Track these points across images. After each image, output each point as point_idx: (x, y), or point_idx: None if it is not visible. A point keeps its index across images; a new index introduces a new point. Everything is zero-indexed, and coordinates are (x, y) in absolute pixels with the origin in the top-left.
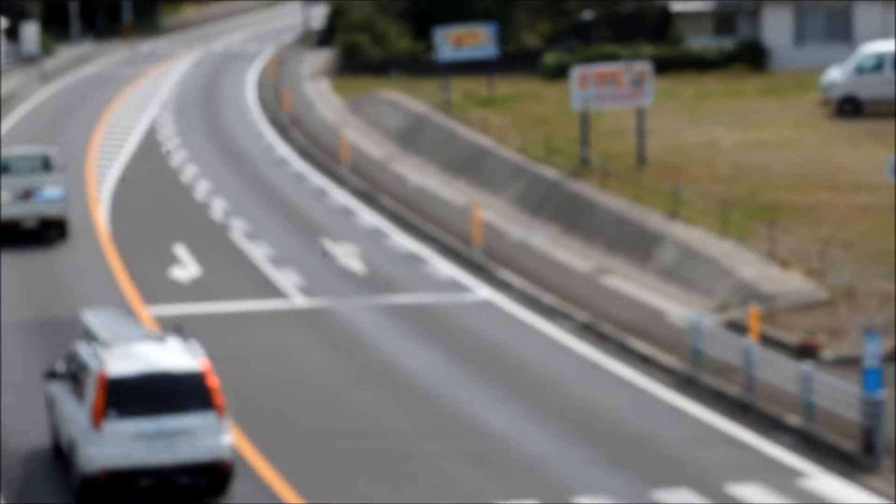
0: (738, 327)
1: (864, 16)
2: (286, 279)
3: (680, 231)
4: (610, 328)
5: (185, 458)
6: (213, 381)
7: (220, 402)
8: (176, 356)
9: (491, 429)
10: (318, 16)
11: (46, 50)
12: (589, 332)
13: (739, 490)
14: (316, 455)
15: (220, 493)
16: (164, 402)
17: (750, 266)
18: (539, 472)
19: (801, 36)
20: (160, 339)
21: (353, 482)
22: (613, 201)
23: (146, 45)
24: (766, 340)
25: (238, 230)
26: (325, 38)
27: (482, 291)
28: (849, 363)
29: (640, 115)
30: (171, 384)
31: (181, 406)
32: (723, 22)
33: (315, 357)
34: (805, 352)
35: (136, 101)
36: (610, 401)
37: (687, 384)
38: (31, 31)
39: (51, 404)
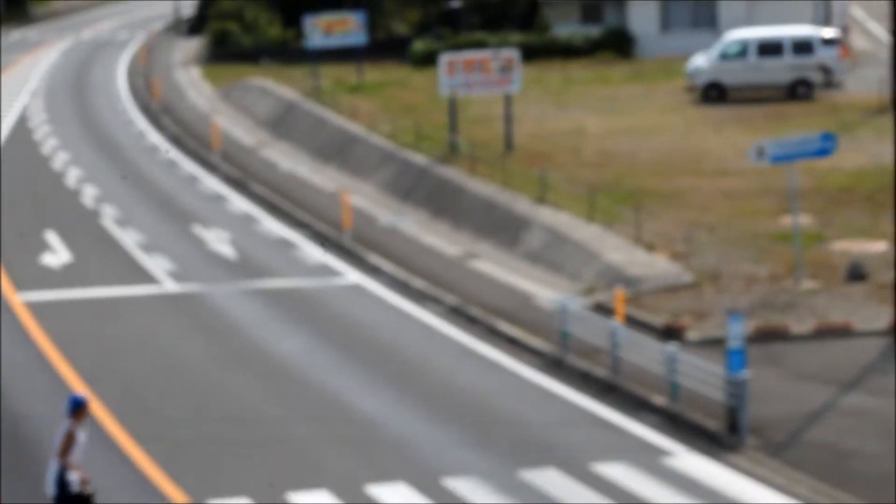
0: (604, 310)
1: (728, 3)
2: (157, 265)
3: (547, 216)
4: (478, 311)
5: None
6: None
7: None
8: None
9: (361, 412)
10: (189, 4)
11: None
12: (458, 315)
13: (606, 469)
14: (189, 440)
15: None
16: None
17: (616, 250)
18: (409, 454)
19: (666, 23)
20: None
21: (225, 466)
22: (482, 187)
23: (16, 34)
24: (632, 322)
25: (109, 217)
26: (195, 26)
27: (352, 276)
28: (713, 344)
29: (508, 101)
30: None
31: None
32: (589, 10)
33: (187, 342)
34: (670, 333)
35: (6, 89)
36: (479, 383)
37: (555, 366)
38: None
39: None
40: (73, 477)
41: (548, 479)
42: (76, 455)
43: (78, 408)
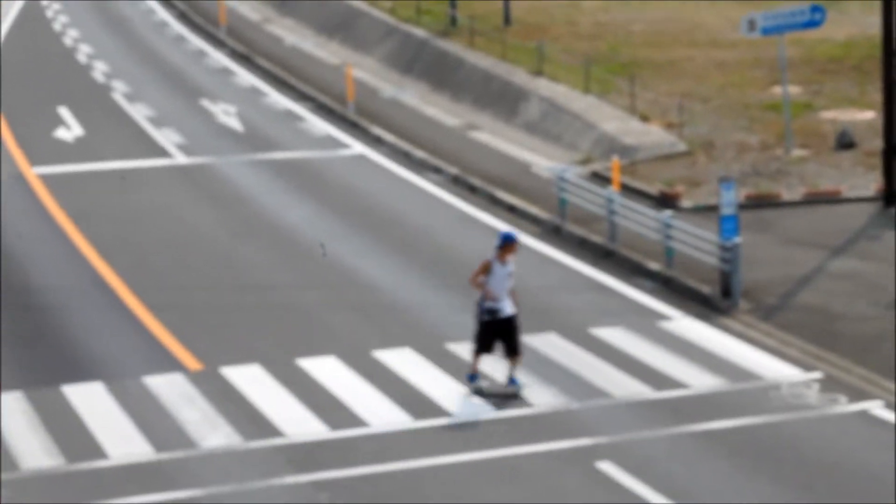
0: (600, 178)
1: None
2: (166, 138)
3: (544, 87)
4: (478, 181)
5: None
6: None
7: None
8: None
9: (367, 279)
10: None
11: None
12: (459, 184)
13: (604, 332)
14: (201, 308)
15: None
16: None
17: (612, 120)
18: (413, 320)
19: None
20: None
21: (237, 332)
22: (480, 59)
23: None
24: (628, 190)
25: (119, 92)
26: None
27: (356, 147)
28: (706, 211)
29: None
30: None
31: None
32: None
33: (197, 213)
34: (665, 201)
35: None
36: (480, 250)
37: (553, 233)
38: None
39: None
40: (481, 299)
41: (548, 342)
42: (493, 284)
43: (504, 243)
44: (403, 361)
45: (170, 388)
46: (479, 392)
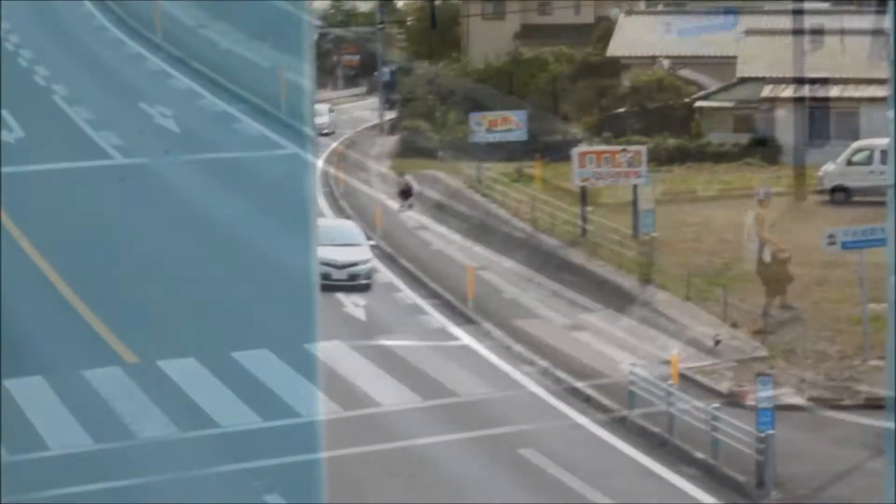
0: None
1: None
2: (105, 140)
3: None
4: None
5: None
6: None
7: None
8: None
9: (299, 271)
10: None
11: None
12: None
13: None
14: (132, 301)
15: None
16: None
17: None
18: (344, 315)
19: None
20: None
21: (173, 328)
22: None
23: None
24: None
25: (60, 95)
26: None
27: (291, 147)
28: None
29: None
30: None
31: None
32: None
33: (132, 212)
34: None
35: None
36: None
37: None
38: None
39: None
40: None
41: None
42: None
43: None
44: (335, 352)
45: (108, 381)
46: None
